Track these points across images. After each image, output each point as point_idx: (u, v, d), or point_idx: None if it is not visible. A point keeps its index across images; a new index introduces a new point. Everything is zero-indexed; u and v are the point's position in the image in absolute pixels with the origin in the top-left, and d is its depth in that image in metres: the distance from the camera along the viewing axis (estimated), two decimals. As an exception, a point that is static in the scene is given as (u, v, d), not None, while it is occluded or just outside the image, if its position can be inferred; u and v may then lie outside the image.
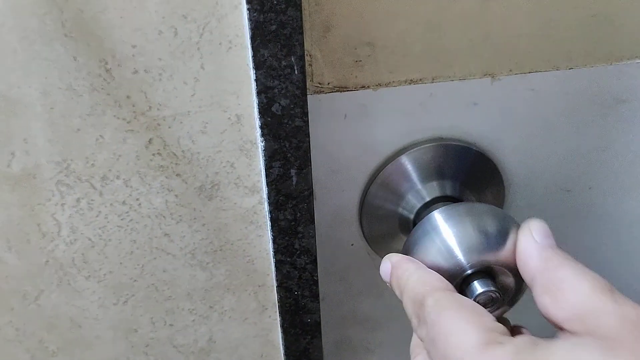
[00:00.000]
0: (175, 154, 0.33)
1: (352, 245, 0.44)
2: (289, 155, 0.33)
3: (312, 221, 0.35)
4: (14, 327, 0.38)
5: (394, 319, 0.49)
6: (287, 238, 0.35)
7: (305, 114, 0.32)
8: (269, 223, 0.35)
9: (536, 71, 0.39)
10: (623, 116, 0.41)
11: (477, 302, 0.33)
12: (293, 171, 0.33)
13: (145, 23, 0.29)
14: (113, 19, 0.29)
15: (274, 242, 0.35)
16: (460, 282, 0.34)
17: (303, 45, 0.30)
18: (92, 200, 0.34)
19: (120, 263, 0.36)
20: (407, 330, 0.49)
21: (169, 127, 0.32)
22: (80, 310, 0.38)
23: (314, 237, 0.36)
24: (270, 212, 0.34)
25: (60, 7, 0.28)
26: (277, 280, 0.37)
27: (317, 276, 0.37)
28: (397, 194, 0.42)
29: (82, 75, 0.30)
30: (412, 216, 0.42)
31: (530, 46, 0.38)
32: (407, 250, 0.37)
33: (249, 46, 0.30)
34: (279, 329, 0.39)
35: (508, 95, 0.39)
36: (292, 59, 0.30)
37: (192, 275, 0.37)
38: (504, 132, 0.41)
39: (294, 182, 0.34)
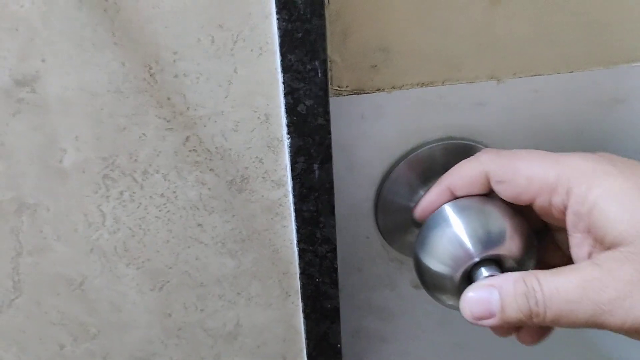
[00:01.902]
0: (209, 150, 0.36)
1: (367, 238, 0.46)
2: (312, 151, 0.36)
3: (333, 212, 0.38)
4: (59, 310, 0.41)
5: (407, 311, 0.51)
6: (309, 228, 0.38)
7: (328, 113, 0.35)
8: (293, 214, 0.38)
9: (539, 74, 0.41)
10: (621, 116, 0.43)
11: None
12: (316, 165, 0.36)
13: (186, 32, 0.32)
14: (157, 29, 0.32)
15: (298, 231, 0.38)
16: (469, 268, 0.37)
17: (326, 51, 0.33)
18: (134, 192, 0.37)
19: (157, 251, 0.39)
20: (420, 322, 0.52)
21: (204, 126, 0.35)
22: (120, 295, 0.41)
23: (334, 227, 0.38)
24: (295, 203, 0.38)
25: (112, 18, 0.31)
26: (299, 268, 0.40)
27: (336, 264, 0.40)
28: (410, 189, 0.44)
29: (128, 79, 0.33)
30: None
31: (533, 51, 0.40)
32: (420, 241, 0.39)
33: (278, 52, 0.33)
34: (301, 315, 0.42)
35: (512, 97, 0.42)
36: (316, 63, 0.34)
37: (222, 263, 0.40)
38: (509, 131, 0.43)
39: (316, 176, 0.37)
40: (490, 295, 0.32)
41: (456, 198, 0.39)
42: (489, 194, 0.38)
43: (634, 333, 0.29)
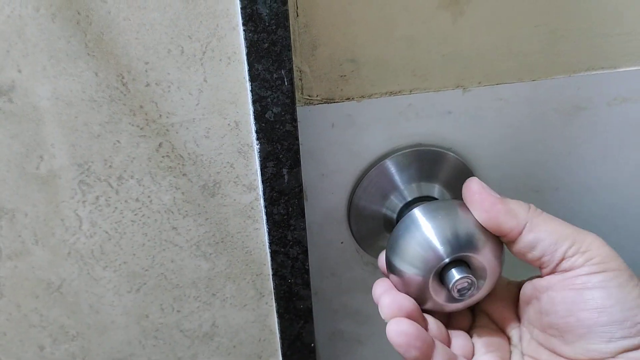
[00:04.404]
0: (182, 156, 0.38)
1: (341, 243, 0.48)
2: (281, 156, 0.37)
3: (303, 215, 0.39)
4: (39, 313, 0.42)
5: (382, 313, 0.53)
6: (280, 230, 0.40)
7: (295, 119, 0.36)
8: (264, 217, 0.39)
9: (503, 83, 0.43)
10: (583, 123, 0.45)
11: (456, 287, 0.37)
12: (285, 170, 0.38)
13: (156, 43, 0.34)
14: (129, 40, 0.34)
15: (269, 234, 0.40)
16: (439, 270, 0.38)
17: (291, 60, 0.35)
18: (109, 197, 0.38)
19: (134, 254, 0.41)
20: (395, 323, 0.53)
21: (177, 133, 0.37)
22: (98, 298, 0.42)
23: (304, 229, 0.40)
24: (266, 207, 0.39)
25: (84, 31, 0.33)
26: (272, 269, 0.41)
27: (308, 265, 0.41)
28: (381, 195, 0.45)
29: (102, 88, 0.35)
30: (395, 215, 0.45)
31: (498, 60, 0.42)
32: (391, 245, 0.40)
33: (245, 62, 0.34)
34: (275, 315, 0.43)
35: (478, 105, 0.43)
36: (282, 72, 0.35)
37: (197, 265, 0.42)
38: (476, 137, 0.44)
39: (286, 180, 0.38)
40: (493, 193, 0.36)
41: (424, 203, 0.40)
42: (457, 199, 0.39)
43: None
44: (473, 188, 0.36)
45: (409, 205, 0.45)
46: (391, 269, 0.40)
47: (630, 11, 0.41)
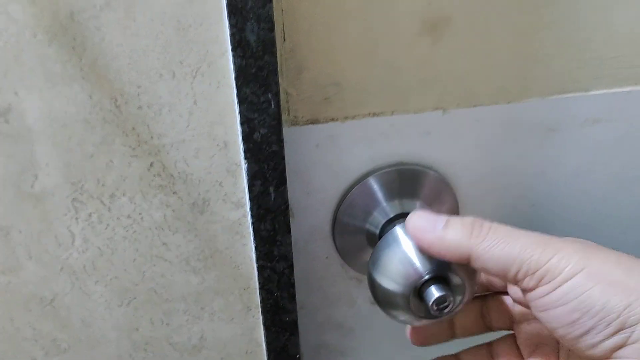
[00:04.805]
0: (172, 175, 0.39)
1: (326, 258, 0.49)
2: (267, 175, 0.39)
3: (289, 231, 0.41)
4: (31, 326, 0.43)
5: (365, 326, 0.54)
6: (267, 246, 0.41)
7: (281, 140, 0.38)
8: (251, 233, 0.41)
9: (480, 105, 0.44)
10: (556, 143, 0.47)
11: (435, 303, 0.38)
12: (271, 188, 0.39)
13: (149, 68, 0.36)
14: (122, 65, 0.35)
15: (256, 249, 0.41)
16: (419, 286, 0.39)
17: (278, 84, 0.36)
18: (101, 214, 0.40)
19: (125, 269, 0.42)
20: (377, 336, 0.55)
21: (167, 153, 0.38)
22: (89, 312, 0.43)
23: (290, 245, 0.41)
24: (253, 223, 0.40)
25: (80, 55, 0.35)
26: (259, 283, 0.42)
27: (293, 279, 0.42)
28: (365, 212, 0.46)
29: (95, 110, 0.36)
30: (377, 231, 0.46)
31: (475, 83, 0.43)
32: (373, 261, 0.42)
33: (234, 85, 0.36)
34: (262, 327, 0.45)
35: (457, 126, 0.45)
36: (269, 95, 0.37)
37: (187, 280, 0.43)
38: (455, 157, 0.46)
39: (272, 198, 0.40)
40: (440, 216, 0.36)
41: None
42: None
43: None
44: (409, 230, 0.37)
45: (391, 222, 0.46)
46: (372, 284, 0.42)
47: (599, 38, 0.44)
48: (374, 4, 0.39)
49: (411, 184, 0.46)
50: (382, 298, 0.41)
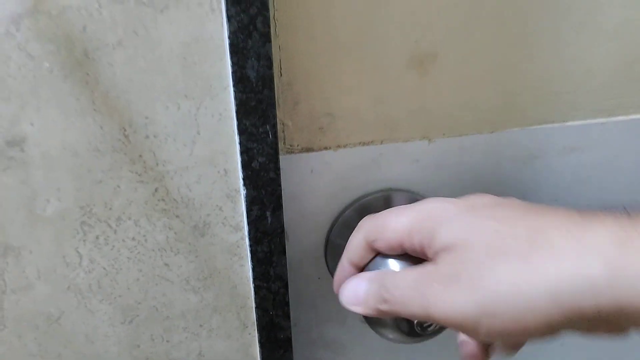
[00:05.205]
0: (175, 200, 0.42)
1: (319, 278, 0.52)
2: (265, 200, 0.42)
3: (284, 253, 0.44)
4: (38, 343, 0.45)
5: (356, 343, 0.56)
6: (263, 267, 0.44)
7: (278, 168, 0.41)
8: (249, 255, 0.44)
9: (464, 134, 0.47)
10: (536, 170, 0.50)
11: (421, 322, 0.41)
12: (268, 213, 0.42)
13: (156, 100, 0.38)
14: (131, 98, 0.38)
15: (253, 270, 0.44)
16: None
17: (276, 117, 0.39)
18: (108, 236, 0.42)
19: (128, 288, 0.44)
20: (367, 353, 0.57)
21: (171, 179, 0.41)
22: (93, 329, 0.45)
23: (285, 266, 0.44)
24: (250, 245, 0.43)
25: (92, 89, 0.37)
26: (255, 302, 0.45)
27: (288, 298, 0.45)
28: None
29: (106, 139, 0.39)
30: None
31: (459, 114, 0.46)
32: None
33: (235, 117, 0.39)
34: (257, 344, 0.47)
35: (442, 154, 0.47)
36: (267, 127, 0.39)
37: (186, 299, 0.45)
38: (441, 183, 0.49)
39: (269, 222, 0.42)
40: (359, 285, 0.37)
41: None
42: None
43: (457, 326, 0.32)
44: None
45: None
46: None
47: (574, 73, 0.47)
48: (365, 41, 0.42)
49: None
50: (371, 317, 0.44)
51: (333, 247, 0.50)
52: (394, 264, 0.38)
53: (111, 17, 0.35)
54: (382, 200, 0.49)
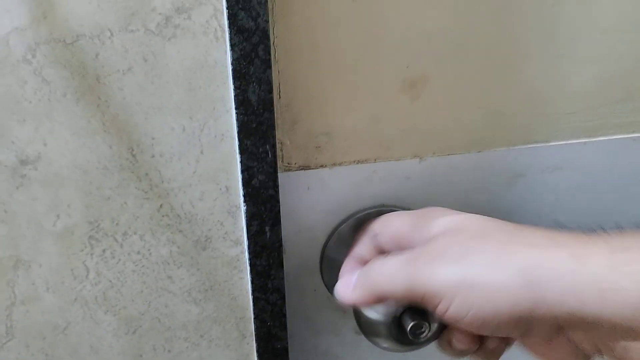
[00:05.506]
0: (179, 216, 0.44)
1: (314, 291, 0.53)
2: (264, 216, 0.44)
3: (282, 266, 0.46)
4: (45, 353, 0.47)
5: (350, 354, 0.58)
6: (262, 279, 0.46)
7: (276, 186, 0.43)
8: (248, 268, 0.46)
9: (453, 154, 0.50)
10: (521, 187, 0.52)
11: (414, 330, 0.43)
12: (267, 228, 0.44)
13: (163, 122, 0.41)
14: (139, 120, 0.40)
15: (252, 282, 0.46)
16: (398, 315, 0.44)
17: (275, 138, 0.41)
18: (114, 250, 0.44)
19: (132, 300, 0.46)
20: (361, 363, 0.59)
21: (176, 196, 0.43)
22: (98, 339, 0.47)
23: (282, 279, 0.46)
24: (250, 259, 0.45)
25: (103, 112, 0.39)
26: (254, 313, 0.47)
27: (285, 310, 0.47)
28: (350, 248, 0.51)
29: (114, 158, 0.41)
30: None
31: (449, 134, 0.49)
32: None
33: (236, 138, 0.41)
34: (255, 354, 0.49)
35: (432, 172, 0.49)
36: (267, 147, 0.42)
37: (188, 310, 0.48)
38: (431, 200, 0.51)
39: (267, 237, 0.45)
40: (350, 278, 0.42)
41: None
42: None
43: (435, 296, 0.36)
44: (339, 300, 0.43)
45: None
46: (357, 313, 0.46)
47: (557, 96, 0.50)
48: (360, 65, 0.45)
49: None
50: (366, 327, 0.46)
51: (328, 261, 0.52)
52: None
53: (122, 45, 0.38)
54: (375, 216, 0.51)
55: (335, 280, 0.52)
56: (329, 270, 0.52)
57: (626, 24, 0.48)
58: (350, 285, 0.42)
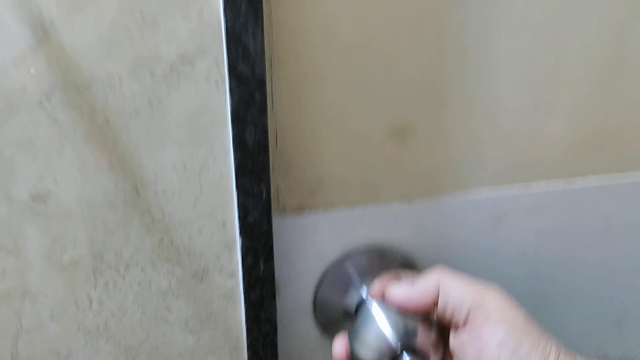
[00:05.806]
0: (178, 249, 0.47)
1: (307, 330, 0.55)
2: (258, 250, 0.47)
3: (274, 298, 0.48)
4: (46, 379, 0.49)
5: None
6: (255, 311, 0.48)
7: (270, 222, 0.46)
8: (242, 299, 0.48)
9: (439, 195, 0.52)
10: (504, 227, 0.55)
11: None
12: (261, 261, 0.47)
13: (165, 161, 0.44)
14: (144, 159, 0.43)
15: (246, 313, 0.48)
16: (392, 356, 0.45)
17: (269, 177, 0.44)
18: (116, 282, 0.47)
19: (132, 329, 0.49)
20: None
21: (176, 230, 0.46)
22: (98, 367, 0.50)
23: (275, 310, 0.48)
24: (244, 291, 0.48)
25: (110, 151, 0.43)
26: (247, 343, 0.49)
27: (277, 340, 0.49)
28: (342, 289, 0.53)
29: (119, 194, 0.44)
30: (354, 307, 0.52)
31: (435, 177, 0.51)
32: (351, 336, 0.47)
33: (233, 177, 0.44)
34: (248, 383, 0.51)
35: (420, 214, 0.52)
36: (262, 186, 0.45)
37: (184, 339, 0.50)
38: (419, 240, 0.53)
39: (262, 270, 0.47)
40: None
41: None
42: None
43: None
44: (390, 297, 0.45)
45: (365, 298, 0.53)
46: (352, 353, 0.47)
47: (535, 144, 0.53)
48: (350, 115, 0.48)
49: (383, 264, 0.53)
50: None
51: (321, 301, 0.54)
52: None
53: (130, 90, 0.41)
54: (366, 257, 0.53)
55: (328, 320, 0.54)
56: (322, 310, 0.54)
57: (597, 77, 0.51)
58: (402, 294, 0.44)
